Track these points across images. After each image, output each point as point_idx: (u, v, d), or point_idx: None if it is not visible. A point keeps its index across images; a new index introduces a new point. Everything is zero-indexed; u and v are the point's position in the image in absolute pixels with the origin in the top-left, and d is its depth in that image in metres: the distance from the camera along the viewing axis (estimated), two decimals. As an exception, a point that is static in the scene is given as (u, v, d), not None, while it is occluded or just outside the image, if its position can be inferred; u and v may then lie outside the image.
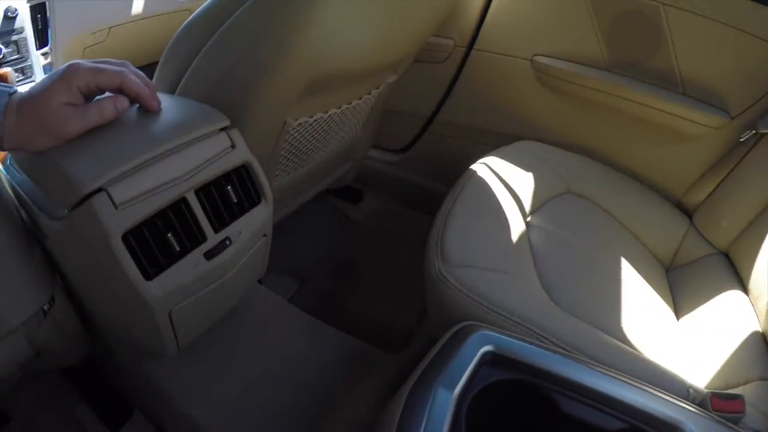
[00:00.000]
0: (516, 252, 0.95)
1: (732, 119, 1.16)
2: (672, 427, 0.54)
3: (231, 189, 0.69)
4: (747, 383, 0.80)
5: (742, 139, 1.14)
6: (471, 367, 0.57)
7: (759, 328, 0.90)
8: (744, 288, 1.01)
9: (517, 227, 1.00)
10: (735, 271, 1.07)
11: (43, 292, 0.68)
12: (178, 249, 0.62)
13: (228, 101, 0.76)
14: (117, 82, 0.59)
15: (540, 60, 1.34)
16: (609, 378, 0.59)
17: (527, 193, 1.12)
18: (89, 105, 0.58)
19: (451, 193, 1.06)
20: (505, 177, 1.12)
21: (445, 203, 1.03)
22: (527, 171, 1.17)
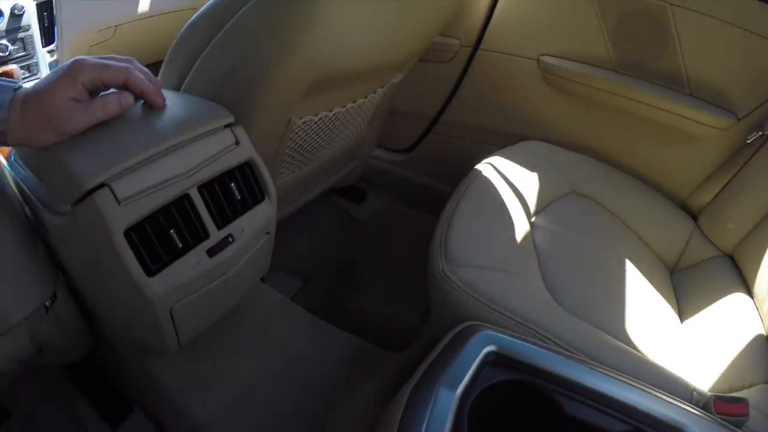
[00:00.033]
0: (520, 252, 0.95)
1: (738, 120, 1.15)
2: (675, 430, 0.54)
3: (234, 186, 0.69)
4: (751, 386, 0.80)
5: (748, 141, 1.13)
6: (473, 368, 0.57)
7: (763, 331, 0.90)
8: (749, 291, 1.01)
9: (522, 227, 1.00)
10: (740, 274, 1.06)
11: (46, 288, 0.68)
12: (180, 245, 0.62)
13: (232, 100, 0.76)
14: (122, 78, 0.59)
15: (546, 60, 1.33)
16: (612, 379, 0.59)
17: (532, 194, 1.11)
18: (94, 101, 0.58)
19: (456, 193, 1.06)
20: (510, 177, 1.12)
21: (450, 203, 1.03)
22: (532, 171, 1.17)
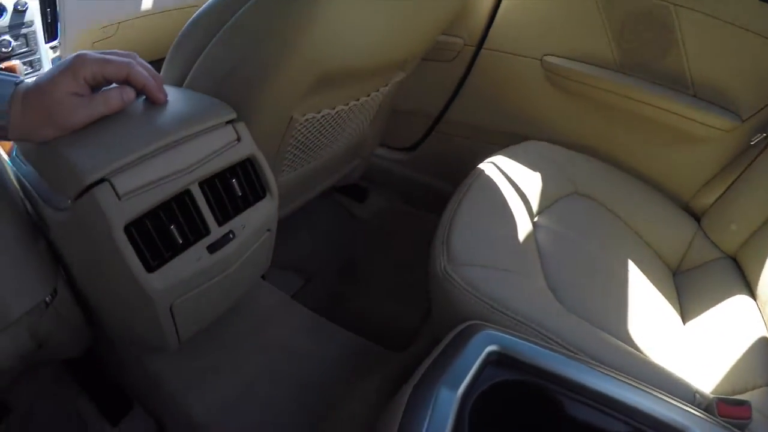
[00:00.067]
0: (522, 252, 0.94)
1: (743, 122, 1.14)
2: (678, 432, 0.54)
3: (236, 182, 0.69)
4: (754, 389, 0.80)
5: (752, 143, 1.13)
6: (475, 367, 0.56)
7: (766, 333, 0.90)
8: (752, 293, 1.00)
9: (524, 227, 0.99)
10: (743, 276, 1.06)
11: (46, 283, 0.68)
12: (180, 241, 0.62)
13: (234, 97, 0.75)
14: (124, 73, 0.59)
15: (549, 60, 1.33)
16: (614, 380, 0.58)
17: (535, 193, 1.11)
18: (95, 95, 0.58)
19: (458, 192, 1.05)
20: (513, 177, 1.12)
21: (452, 202, 1.03)
22: (535, 171, 1.16)
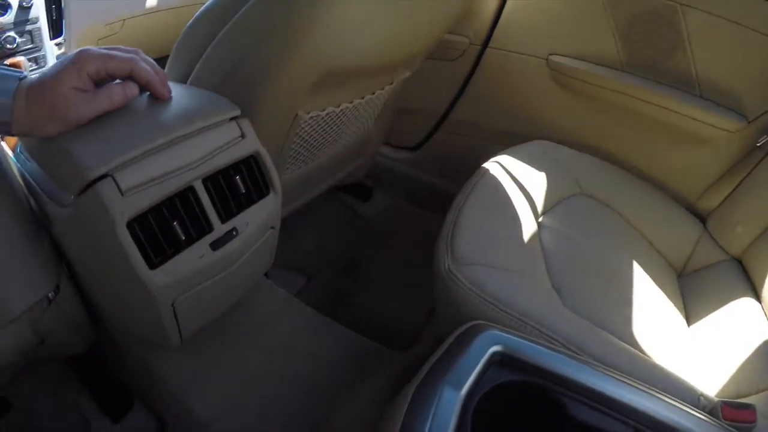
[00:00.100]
0: (527, 252, 0.94)
1: (749, 123, 1.14)
2: (682, 435, 0.53)
3: (239, 179, 0.68)
4: (759, 392, 0.79)
5: (758, 144, 1.12)
6: (479, 368, 0.56)
7: (772, 336, 0.89)
8: (757, 296, 0.99)
9: (529, 227, 0.99)
10: (748, 279, 1.05)
11: (49, 279, 0.68)
12: (183, 238, 0.62)
13: (237, 95, 0.75)
14: (127, 68, 0.59)
15: (555, 59, 1.32)
16: (618, 382, 0.58)
17: (539, 193, 1.10)
18: (99, 91, 0.58)
19: (463, 191, 1.05)
20: (518, 176, 1.11)
21: (457, 201, 1.02)
22: (540, 171, 1.16)
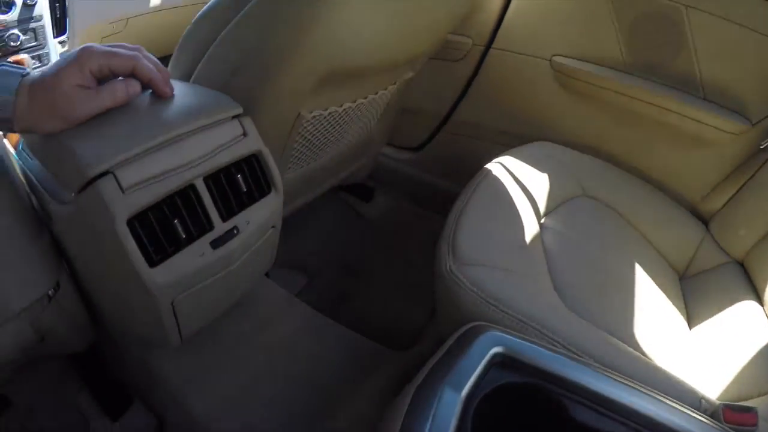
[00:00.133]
0: (529, 253, 0.94)
1: (752, 126, 1.13)
2: (683, 438, 0.53)
3: (241, 178, 0.68)
4: (760, 395, 0.79)
5: (762, 146, 1.12)
6: (480, 369, 0.56)
7: (774, 339, 0.89)
8: (759, 299, 0.99)
9: (531, 228, 0.99)
10: (750, 282, 1.05)
11: (50, 277, 0.67)
12: (184, 236, 0.62)
13: (239, 94, 0.75)
14: (130, 66, 0.59)
15: (559, 60, 1.32)
16: (620, 384, 0.58)
17: (542, 195, 1.10)
18: (101, 88, 0.58)
19: (465, 192, 1.05)
20: (520, 177, 1.11)
21: (459, 201, 1.02)
22: (542, 172, 1.16)
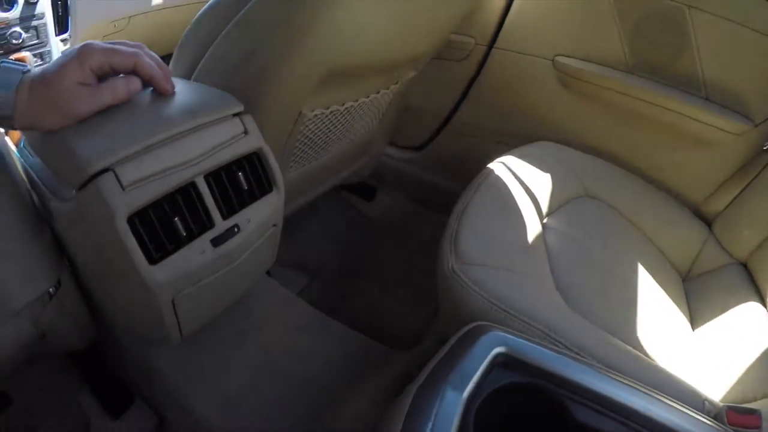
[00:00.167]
0: (531, 252, 0.93)
1: (755, 126, 1.13)
2: (687, 439, 0.52)
3: (242, 176, 0.68)
4: (764, 398, 0.78)
5: (765, 147, 1.12)
6: (482, 369, 0.55)
7: (777, 341, 0.88)
8: (762, 300, 0.99)
9: (533, 228, 0.99)
10: (754, 283, 1.05)
11: (50, 274, 0.67)
12: (184, 234, 0.61)
13: (242, 91, 0.75)
14: (131, 63, 0.59)
15: (561, 60, 1.32)
16: (622, 385, 0.57)
17: (544, 195, 1.10)
18: (102, 85, 0.58)
19: (468, 191, 1.05)
20: (523, 177, 1.11)
21: (461, 200, 1.02)
22: (545, 172, 1.15)
